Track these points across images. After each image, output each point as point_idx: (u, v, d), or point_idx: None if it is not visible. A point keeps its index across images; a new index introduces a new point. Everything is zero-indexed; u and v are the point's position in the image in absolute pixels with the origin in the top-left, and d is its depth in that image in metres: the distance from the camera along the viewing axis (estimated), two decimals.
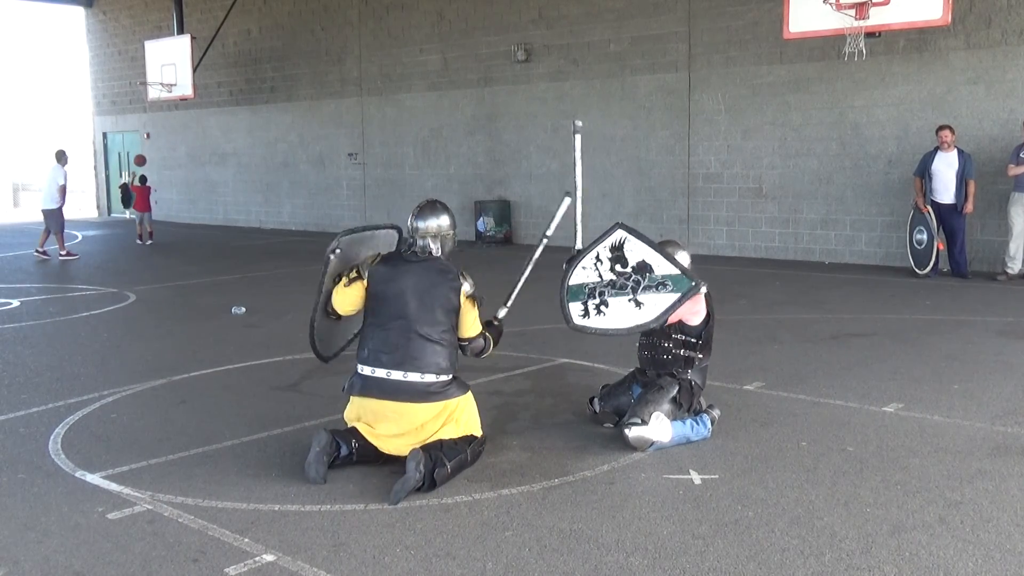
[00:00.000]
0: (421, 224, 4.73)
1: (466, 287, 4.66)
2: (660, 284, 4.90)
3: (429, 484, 4.26)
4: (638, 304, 4.90)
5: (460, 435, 4.58)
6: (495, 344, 4.97)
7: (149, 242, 17.59)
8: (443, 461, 4.34)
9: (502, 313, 5.17)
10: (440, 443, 4.46)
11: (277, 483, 4.45)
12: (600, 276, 5.03)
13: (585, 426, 5.32)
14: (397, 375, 4.51)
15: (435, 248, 4.72)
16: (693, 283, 4.86)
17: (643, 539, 3.77)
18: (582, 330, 5.06)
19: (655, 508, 4.10)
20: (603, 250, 5.07)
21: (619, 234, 5.04)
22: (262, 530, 3.90)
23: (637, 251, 4.99)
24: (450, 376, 4.62)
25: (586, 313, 5.01)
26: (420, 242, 4.73)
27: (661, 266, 4.93)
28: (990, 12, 11.64)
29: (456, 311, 4.65)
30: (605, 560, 3.58)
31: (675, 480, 4.45)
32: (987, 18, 11.67)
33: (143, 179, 18.22)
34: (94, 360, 7.38)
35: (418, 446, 4.40)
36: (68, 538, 3.86)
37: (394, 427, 4.54)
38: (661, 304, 4.87)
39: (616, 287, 4.98)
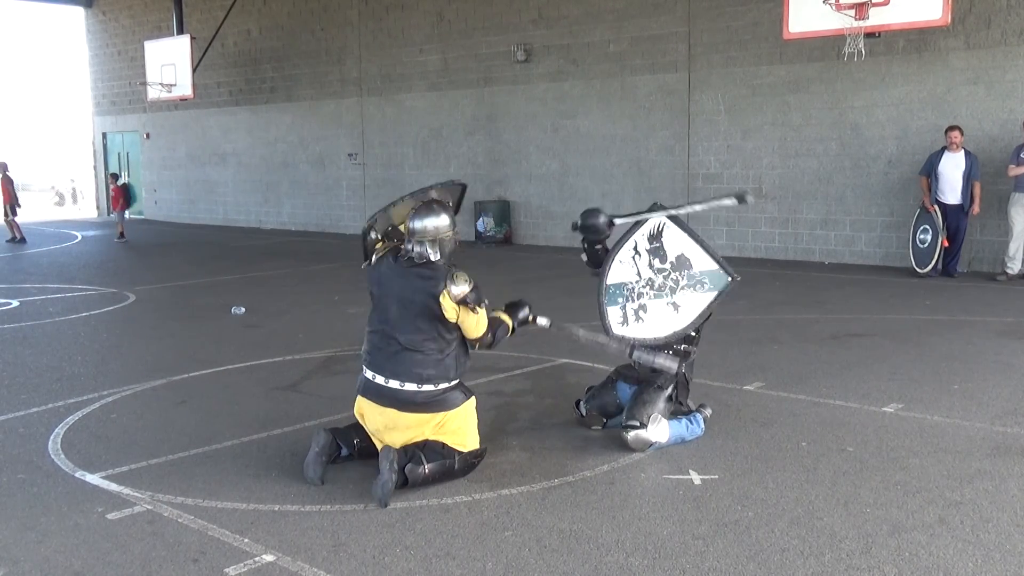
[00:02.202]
0: (418, 225, 4.45)
1: (453, 289, 4.32)
2: (699, 283, 4.89)
3: (401, 481, 4.19)
4: (676, 307, 4.90)
5: (450, 442, 4.44)
6: (509, 331, 4.74)
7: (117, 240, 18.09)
8: (420, 459, 4.26)
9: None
10: (424, 443, 4.38)
11: (277, 483, 4.45)
12: (639, 273, 4.98)
13: (585, 426, 5.31)
14: (380, 380, 4.44)
15: (433, 254, 4.45)
16: (730, 278, 4.89)
17: (643, 539, 3.77)
18: (621, 341, 5.00)
19: (655, 508, 4.10)
20: (641, 239, 5.00)
21: (658, 219, 4.99)
22: (262, 530, 3.90)
23: (676, 242, 4.94)
24: (440, 386, 4.43)
25: (625, 320, 4.99)
26: (417, 248, 4.46)
27: (700, 261, 4.91)
28: (990, 12, 11.64)
29: (440, 318, 4.39)
30: (605, 560, 3.58)
31: (675, 480, 4.45)
32: (987, 18, 11.67)
33: (115, 177, 19.18)
34: (94, 360, 7.38)
35: (400, 445, 4.36)
36: (68, 538, 3.86)
37: (387, 430, 4.48)
38: (698, 306, 4.89)
39: (655, 287, 4.94)
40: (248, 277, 12.63)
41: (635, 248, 5.01)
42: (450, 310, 4.39)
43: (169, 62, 19.73)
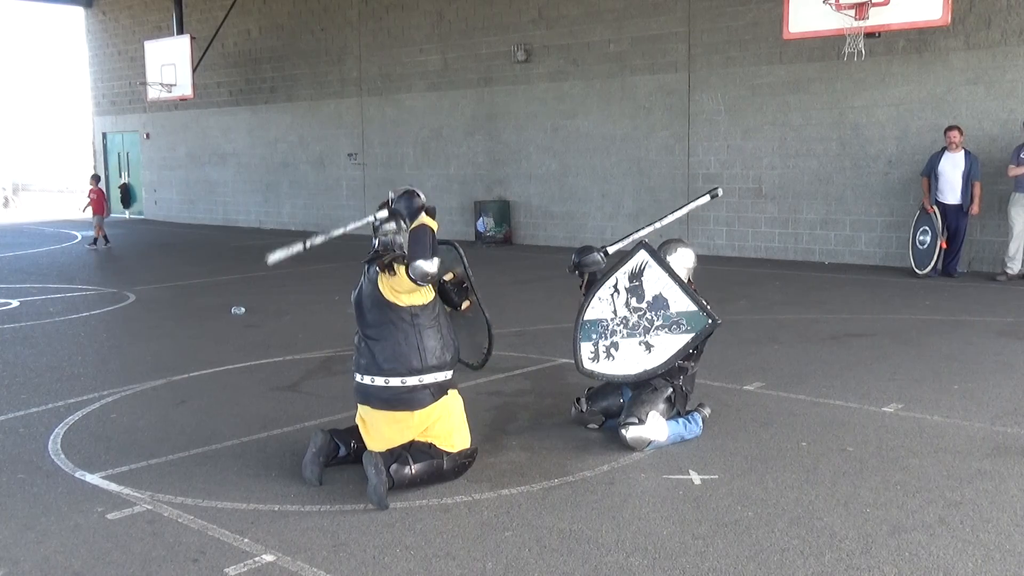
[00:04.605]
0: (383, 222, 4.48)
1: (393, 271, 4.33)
2: (675, 323, 4.88)
3: (388, 483, 4.15)
4: (648, 347, 4.91)
5: (437, 443, 4.41)
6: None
7: (90, 246, 16.77)
8: (406, 459, 4.23)
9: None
10: (411, 444, 4.37)
11: (277, 483, 4.45)
12: (615, 311, 5.00)
13: (583, 425, 5.31)
14: (367, 380, 4.43)
15: (400, 240, 4.40)
16: (710, 321, 4.86)
17: (643, 539, 3.77)
18: (591, 375, 5.08)
19: (655, 508, 4.10)
20: (622, 276, 5.02)
21: (641, 256, 5.01)
22: (262, 530, 3.90)
23: (656, 281, 4.96)
24: (407, 382, 4.34)
25: (596, 357, 5.02)
26: (382, 239, 4.45)
27: (678, 301, 4.90)
28: (990, 12, 11.64)
29: (387, 303, 4.34)
30: (605, 560, 3.58)
31: (675, 480, 4.45)
32: (987, 18, 11.67)
33: (96, 179, 18.12)
34: (94, 360, 7.38)
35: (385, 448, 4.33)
36: (68, 538, 3.86)
37: (382, 434, 4.45)
38: (672, 347, 4.89)
39: (629, 326, 4.96)
40: (248, 277, 12.63)
41: (615, 286, 5.04)
42: (384, 288, 4.37)
43: (169, 62, 19.73)
